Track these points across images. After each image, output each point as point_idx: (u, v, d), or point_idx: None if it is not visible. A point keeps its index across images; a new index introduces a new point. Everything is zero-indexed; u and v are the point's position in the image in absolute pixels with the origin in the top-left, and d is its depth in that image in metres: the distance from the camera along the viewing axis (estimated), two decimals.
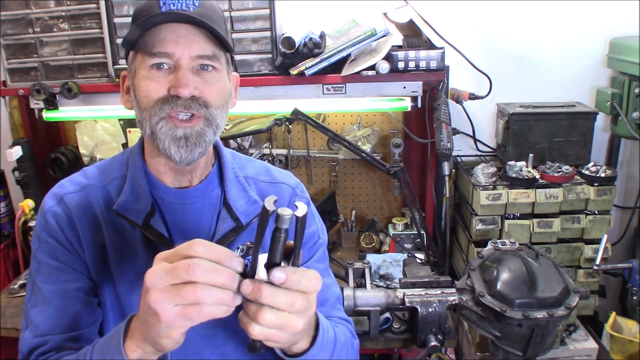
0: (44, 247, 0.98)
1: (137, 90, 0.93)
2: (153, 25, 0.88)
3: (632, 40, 1.94)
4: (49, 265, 0.97)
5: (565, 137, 1.96)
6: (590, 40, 2.12)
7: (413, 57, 1.80)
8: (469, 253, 1.93)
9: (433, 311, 1.27)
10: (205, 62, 0.91)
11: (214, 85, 0.93)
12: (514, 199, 1.79)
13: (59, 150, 2.26)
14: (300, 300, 0.68)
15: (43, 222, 0.99)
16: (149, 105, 0.91)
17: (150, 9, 0.91)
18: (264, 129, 1.92)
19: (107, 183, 1.02)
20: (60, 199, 0.99)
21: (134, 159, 1.02)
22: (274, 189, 1.10)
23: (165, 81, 0.90)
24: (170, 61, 0.90)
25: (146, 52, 0.90)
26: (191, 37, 0.90)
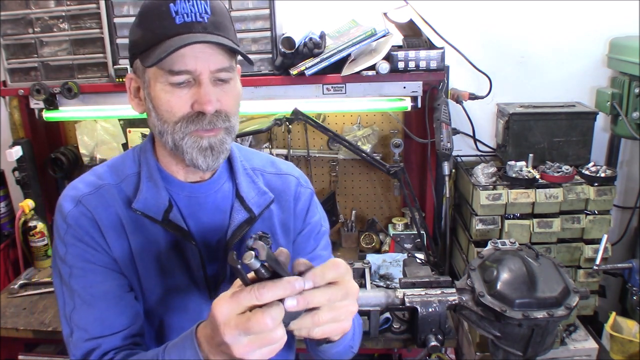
0: (72, 251, 0.97)
1: (157, 102, 0.93)
2: (177, 49, 0.87)
3: (632, 40, 1.94)
4: (82, 268, 0.97)
5: (565, 137, 1.96)
6: (590, 40, 2.12)
7: (413, 57, 1.80)
8: (469, 253, 1.93)
9: (433, 311, 1.27)
10: (222, 75, 0.93)
11: (231, 93, 0.95)
12: (514, 199, 1.79)
13: (59, 150, 2.26)
14: (338, 289, 0.73)
15: (65, 226, 0.98)
16: (172, 120, 0.92)
17: (162, 17, 0.89)
18: (264, 129, 1.93)
19: (121, 181, 1.02)
20: (78, 201, 0.99)
21: (146, 157, 1.03)
22: (280, 180, 1.13)
23: (187, 96, 0.91)
24: (190, 76, 0.90)
25: (165, 68, 0.89)
26: (209, 52, 0.90)
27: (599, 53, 2.13)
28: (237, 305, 0.68)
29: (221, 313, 0.69)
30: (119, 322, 0.97)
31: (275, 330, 0.68)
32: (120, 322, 0.97)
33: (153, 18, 0.90)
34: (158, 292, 1.02)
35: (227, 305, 0.69)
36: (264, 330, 0.67)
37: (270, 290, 0.68)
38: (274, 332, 0.68)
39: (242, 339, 0.68)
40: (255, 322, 0.66)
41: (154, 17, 0.90)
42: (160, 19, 0.89)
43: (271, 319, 0.67)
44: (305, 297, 0.70)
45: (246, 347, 0.68)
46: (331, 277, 0.73)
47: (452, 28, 2.03)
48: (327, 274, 0.73)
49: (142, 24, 0.93)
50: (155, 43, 0.89)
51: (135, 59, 0.95)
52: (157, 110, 0.93)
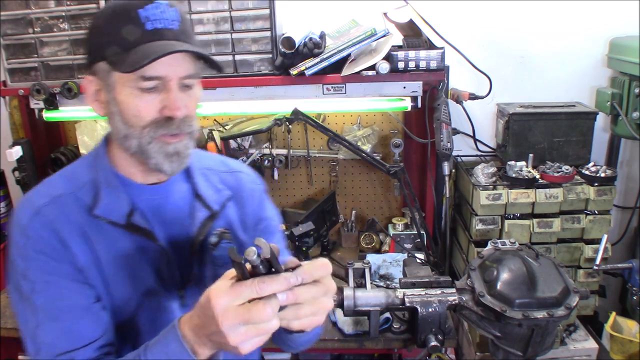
0: (34, 265, 0.93)
1: (123, 107, 0.93)
2: (156, 57, 0.87)
3: (632, 40, 1.94)
4: (46, 282, 0.94)
5: (565, 137, 1.96)
6: (590, 40, 2.12)
7: (413, 57, 1.80)
8: (469, 253, 1.93)
9: (433, 311, 1.27)
10: (188, 81, 0.95)
11: (194, 98, 0.97)
12: (514, 199, 1.79)
13: (59, 150, 2.26)
14: (321, 286, 0.79)
15: (25, 239, 0.94)
16: (140, 125, 0.93)
17: (130, 19, 0.88)
18: (264, 129, 1.93)
19: (77, 189, 1.00)
20: (37, 212, 0.96)
21: (102, 163, 1.02)
22: (233, 178, 1.17)
23: (156, 102, 0.92)
24: (160, 82, 0.91)
25: (135, 74, 0.89)
26: (180, 59, 0.92)
27: (599, 53, 2.13)
28: (237, 297, 0.73)
29: (220, 304, 0.73)
30: (89, 334, 0.94)
31: (272, 320, 0.73)
32: (90, 333, 0.94)
33: (121, 22, 0.89)
34: (127, 295, 1.01)
35: (227, 297, 0.73)
36: (263, 321, 0.72)
37: (270, 284, 0.73)
38: (270, 322, 0.73)
39: (240, 328, 0.73)
40: (256, 312, 0.72)
41: (122, 21, 0.89)
42: (129, 24, 0.89)
43: (271, 310, 0.72)
44: (294, 293, 0.76)
45: (242, 335, 0.73)
46: (318, 275, 0.78)
47: (452, 28, 2.03)
48: (315, 273, 0.78)
49: (108, 27, 0.91)
50: (127, 49, 0.88)
51: (98, 62, 0.93)
52: (123, 115, 0.93)
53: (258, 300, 0.73)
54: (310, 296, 0.78)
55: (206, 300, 0.75)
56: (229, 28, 1.83)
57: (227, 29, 1.84)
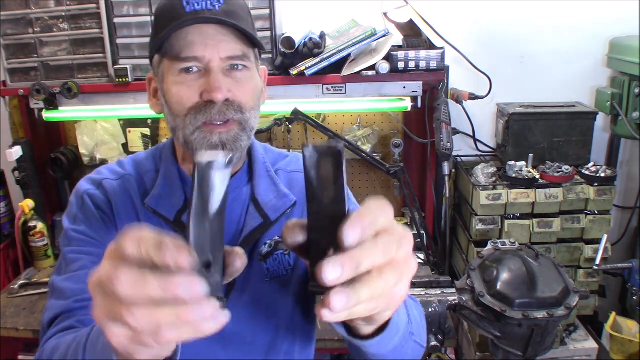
0: (78, 224, 0.96)
1: (168, 96, 0.91)
2: (178, 28, 0.86)
3: (632, 40, 1.94)
4: (81, 240, 0.94)
5: (565, 137, 1.96)
6: (590, 40, 2.12)
7: (413, 57, 1.80)
8: (469, 253, 1.93)
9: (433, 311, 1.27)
10: (235, 62, 0.89)
11: (246, 85, 0.91)
12: (514, 199, 1.79)
13: (59, 150, 2.25)
14: (388, 238, 0.46)
15: (80, 202, 0.97)
16: (182, 112, 0.89)
17: (173, 9, 0.88)
18: (264, 129, 1.93)
19: (142, 175, 1.01)
20: (99, 184, 0.99)
21: (166, 156, 1.02)
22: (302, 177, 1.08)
23: (197, 85, 0.88)
24: (200, 64, 0.88)
25: (174, 56, 0.88)
26: (220, 38, 0.87)
27: (599, 53, 2.13)
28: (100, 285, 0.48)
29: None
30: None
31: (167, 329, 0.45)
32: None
33: (166, 13, 0.89)
34: None
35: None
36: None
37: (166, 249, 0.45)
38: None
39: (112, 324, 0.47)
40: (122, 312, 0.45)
41: (167, 12, 0.89)
42: (172, 11, 0.88)
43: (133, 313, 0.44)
44: (353, 258, 0.44)
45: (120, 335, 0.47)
46: (382, 223, 0.47)
47: (452, 28, 2.03)
48: (379, 219, 0.47)
49: (157, 21, 0.92)
50: (169, 34, 0.88)
51: (154, 57, 0.94)
52: (169, 104, 0.91)
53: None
54: (380, 257, 0.46)
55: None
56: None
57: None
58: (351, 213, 0.46)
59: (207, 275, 0.44)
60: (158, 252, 0.42)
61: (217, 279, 0.46)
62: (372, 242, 0.46)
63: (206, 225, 0.46)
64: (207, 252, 0.45)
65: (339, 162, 0.47)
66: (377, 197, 0.48)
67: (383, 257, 0.46)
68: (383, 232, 0.47)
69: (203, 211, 0.46)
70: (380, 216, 0.47)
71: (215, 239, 0.47)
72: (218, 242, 0.47)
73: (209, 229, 0.46)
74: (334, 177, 0.47)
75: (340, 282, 0.44)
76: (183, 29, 0.86)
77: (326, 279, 0.43)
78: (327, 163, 0.47)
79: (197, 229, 0.46)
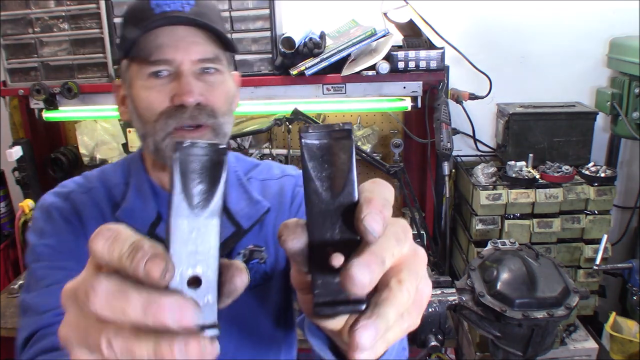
0: (47, 238, 0.89)
1: (137, 101, 0.86)
2: (148, 30, 0.82)
3: (632, 40, 1.94)
4: (51, 254, 0.88)
5: (565, 137, 1.96)
6: (590, 40, 2.12)
7: (413, 57, 1.80)
8: (469, 253, 1.93)
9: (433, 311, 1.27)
10: (207, 65, 0.86)
11: (219, 88, 0.87)
12: (514, 199, 1.79)
13: (59, 150, 2.26)
14: (397, 231, 0.39)
15: (46, 216, 0.91)
16: (152, 118, 0.85)
17: (142, 11, 0.84)
18: (264, 129, 1.92)
19: (110, 188, 0.96)
20: (66, 197, 0.93)
21: (136, 168, 0.97)
22: (279, 184, 1.03)
23: (167, 90, 0.84)
24: (170, 68, 0.84)
25: (143, 60, 0.84)
26: (191, 40, 0.84)
27: (599, 53, 2.13)
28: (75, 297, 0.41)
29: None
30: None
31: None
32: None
33: (134, 15, 0.86)
34: None
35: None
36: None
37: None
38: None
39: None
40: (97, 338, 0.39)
41: (135, 13, 0.86)
42: (140, 13, 0.84)
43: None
44: (374, 253, 0.36)
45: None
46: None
47: (452, 28, 2.03)
48: (388, 203, 0.38)
49: (124, 23, 0.88)
50: (137, 37, 0.84)
51: (122, 61, 0.90)
52: (137, 110, 0.87)
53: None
54: (391, 251, 0.37)
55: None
56: (229, 28, 1.84)
57: (227, 29, 1.84)
58: (359, 204, 0.37)
59: (195, 296, 0.34)
60: (131, 259, 0.33)
61: (208, 301, 0.35)
62: (383, 236, 0.37)
63: (193, 227, 0.35)
64: (194, 263, 0.35)
65: (348, 148, 0.38)
66: (372, 180, 0.40)
67: (398, 247, 0.38)
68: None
69: (189, 208, 0.35)
70: (389, 197, 0.39)
71: (207, 246, 0.36)
72: (211, 252, 0.36)
73: (197, 233, 0.35)
74: (343, 167, 0.38)
75: (372, 286, 0.35)
76: (152, 31, 0.82)
77: (359, 284, 0.34)
78: (333, 149, 0.38)
79: (179, 233, 0.35)
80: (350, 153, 0.38)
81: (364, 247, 0.36)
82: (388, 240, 0.37)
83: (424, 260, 0.41)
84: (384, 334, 0.36)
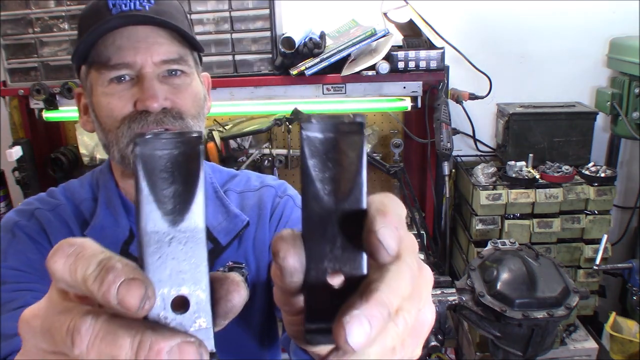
0: (11, 260, 0.82)
1: (98, 109, 0.81)
2: (104, 32, 0.76)
3: (632, 40, 1.94)
4: (17, 276, 0.81)
5: (565, 137, 1.96)
6: (590, 40, 2.12)
7: (413, 57, 1.80)
8: (469, 253, 1.93)
9: None
10: (172, 67, 0.80)
11: (186, 91, 0.82)
12: (514, 199, 1.79)
13: (59, 150, 2.25)
14: (413, 259, 0.32)
15: (10, 236, 0.84)
16: (114, 125, 0.79)
17: (98, 11, 0.79)
18: (264, 129, 1.93)
19: (78, 204, 0.90)
20: (31, 215, 0.87)
21: (105, 181, 0.90)
22: (258, 195, 0.97)
23: (129, 95, 0.79)
24: (131, 72, 0.79)
25: (102, 64, 0.78)
26: (152, 40, 0.78)
27: (599, 53, 2.13)
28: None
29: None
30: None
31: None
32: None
33: (90, 16, 0.80)
34: None
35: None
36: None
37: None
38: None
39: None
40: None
41: (91, 14, 0.80)
42: (96, 14, 0.79)
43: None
44: (381, 302, 0.29)
45: None
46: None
47: (452, 28, 2.03)
48: (402, 223, 0.32)
49: (80, 25, 0.83)
50: (94, 40, 0.79)
51: (80, 68, 0.85)
52: (99, 118, 0.82)
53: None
54: (401, 292, 0.31)
55: None
56: (228, 28, 1.84)
57: (227, 29, 1.84)
58: (370, 215, 0.31)
59: (183, 322, 0.28)
60: (99, 282, 0.27)
61: (200, 326, 0.29)
62: (396, 265, 0.30)
63: (171, 238, 0.29)
64: (178, 282, 0.29)
65: (359, 145, 0.32)
66: (384, 194, 0.34)
67: (410, 287, 0.30)
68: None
69: (164, 215, 0.28)
70: (402, 216, 0.32)
71: (193, 261, 0.29)
72: (199, 267, 0.29)
73: (177, 245, 0.29)
74: (350, 167, 0.33)
75: (370, 340, 0.28)
76: (110, 32, 0.77)
77: (353, 344, 0.27)
78: (340, 145, 0.32)
79: (154, 247, 0.28)
80: (361, 151, 0.32)
81: (368, 288, 0.29)
82: (402, 280, 0.30)
83: (430, 282, 0.34)
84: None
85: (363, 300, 0.28)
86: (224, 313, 0.31)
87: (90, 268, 0.27)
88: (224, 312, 0.31)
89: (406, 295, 0.30)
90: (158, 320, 0.28)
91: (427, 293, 0.33)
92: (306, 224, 0.31)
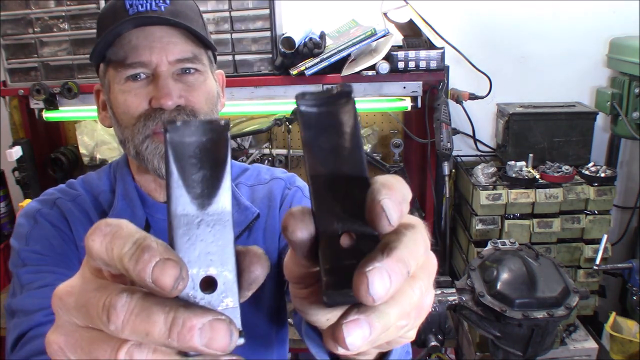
0: (33, 244, 0.86)
1: (115, 106, 0.85)
2: (122, 31, 0.80)
3: (632, 40, 1.94)
4: (39, 259, 0.85)
5: (565, 137, 1.96)
6: (590, 40, 2.12)
7: (413, 57, 1.80)
8: (469, 253, 1.93)
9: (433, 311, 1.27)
10: (186, 65, 0.84)
11: (200, 89, 0.85)
12: (514, 199, 1.79)
13: (59, 150, 2.25)
14: (417, 232, 0.33)
15: (32, 222, 0.87)
16: (130, 122, 0.83)
17: (115, 12, 0.82)
18: (264, 129, 1.93)
19: (96, 195, 0.94)
20: (52, 204, 0.90)
21: (122, 174, 0.94)
22: (267, 187, 1.01)
23: (145, 93, 0.82)
24: (147, 70, 0.82)
25: (119, 63, 0.82)
26: (167, 40, 0.81)
27: (599, 53, 2.13)
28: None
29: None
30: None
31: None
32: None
33: (108, 16, 0.84)
34: None
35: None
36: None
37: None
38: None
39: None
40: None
41: (108, 15, 0.84)
42: (114, 14, 0.82)
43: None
44: (400, 259, 0.30)
45: None
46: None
47: (452, 28, 2.03)
48: (407, 194, 0.33)
49: (99, 26, 0.87)
50: (112, 40, 0.82)
51: (99, 66, 0.88)
52: (116, 115, 0.85)
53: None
54: (416, 258, 0.32)
55: None
56: (228, 28, 1.84)
57: (227, 29, 1.84)
58: (373, 181, 0.33)
59: (211, 301, 0.30)
60: (135, 261, 0.28)
61: (228, 306, 0.31)
62: (411, 232, 0.32)
63: (200, 221, 0.30)
64: (206, 264, 0.30)
65: (352, 112, 0.34)
66: (391, 175, 0.35)
67: (424, 256, 0.32)
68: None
69: (193, 199, 0.30)
70: (407, 196, 0.33)
71: (220, 243, 0.31)
72: (226, 249, 0.31)
73: (206, 228, 0.31)
74: (347, 134, 0.34)
75: (387, 298, 0.30)
76: (126, 32, 0.81)
77: (374, 295, 0.29)
78: (335, 115, 0.34)
79: (184, 230, 0.30)
80: (355, 117, 0.34)
81: (388, 245, 0.30)
82: (417, 245, 0.31)
83: (435, 268, 0.35)
84: (379, 334, 0.30)
85: (385, 255, 0.30)
86: (247, 284, 0.33)
87: (126, 247, 0.29)
88: (248, 283, 0.33)
89: (420, 263, 0.32)
90: (187, 299, 0.30)
91: (432, 277, 0.35)
92: (314, 190, 0.33)
